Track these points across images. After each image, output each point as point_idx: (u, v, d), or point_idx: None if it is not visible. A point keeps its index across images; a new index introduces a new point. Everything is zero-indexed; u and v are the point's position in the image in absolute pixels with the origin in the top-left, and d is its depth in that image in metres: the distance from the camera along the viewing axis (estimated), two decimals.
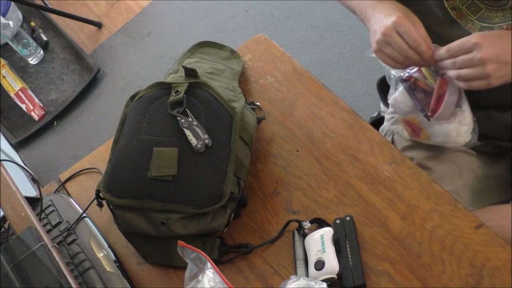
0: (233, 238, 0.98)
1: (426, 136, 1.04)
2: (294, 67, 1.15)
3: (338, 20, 2.29)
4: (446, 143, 1.01)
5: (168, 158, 0.92)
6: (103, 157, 1.18)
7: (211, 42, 1.23)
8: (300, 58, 1.90)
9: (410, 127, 1.08)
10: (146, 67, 2.55)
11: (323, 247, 0.87)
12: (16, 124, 2.56)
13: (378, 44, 0.91)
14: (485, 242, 0.83)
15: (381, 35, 0.90)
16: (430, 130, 1.01)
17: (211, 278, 0.79)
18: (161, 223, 0.92)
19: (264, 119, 1.09)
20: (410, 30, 0.88)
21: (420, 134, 1.06)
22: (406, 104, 1.01)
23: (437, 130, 0.99)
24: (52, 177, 2.20)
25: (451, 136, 0.97)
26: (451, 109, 0.95)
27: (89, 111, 2.52)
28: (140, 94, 1.02)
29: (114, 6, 2.84)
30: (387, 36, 0.89)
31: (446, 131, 0.97)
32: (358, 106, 2.03)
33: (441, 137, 0.99)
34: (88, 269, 0.97)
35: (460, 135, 0.97)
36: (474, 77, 0.85)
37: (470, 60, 0.84)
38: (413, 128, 1.07)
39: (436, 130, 0.99)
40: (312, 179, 0.99)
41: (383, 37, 0.89)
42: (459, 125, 0.96)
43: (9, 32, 2.53)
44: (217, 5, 2.59)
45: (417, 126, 1.04)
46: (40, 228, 0.91)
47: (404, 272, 0.85)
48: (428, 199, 0.90)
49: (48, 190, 1.20)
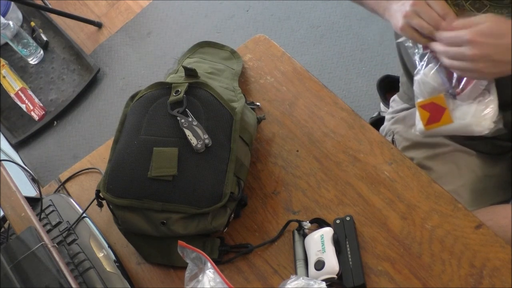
0: (233, 238, 0.98)
1: (448, 119, 1.00)
2: (294, 67, 1.15)
3: (338, 20, 2.29)
4: (469, 126, 0.98)
5: (168, 158, 0.92)
6: (103, 157, 1.18)
7: (211, 42, 1.23)
8: (300, 58, 1.90)
9: (430, 110, 1.02)
10: (146, 67, 2.55)
11: (323, 247, 0.87)
12: (16, 124, 2.56)
13: (406, 17, 0.92)
14: (485, 242, 0.83)
15: (410, 6, 0.91)
16: (455, 112, 0.98)
17: (211, 278, 0.79)
18: (161, 223, 0.92)
19: (264, 119, 1.09)
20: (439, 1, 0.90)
21: (440, 118, 1.01)
22: (436, 80, 0.99)
23: (463, 111, 0.97)
24: (52, 177, 2.20)
25: (477, 117, 0.95)
26: (480, 90, 0.94)
27: (89, 111, 2.52)
28: (140, 94, 1.02)
29: (114, 6, 2.84)
30: (416, 6, 0.90)
31: (472, 112, 0.95)
32: (358, 106, 2.03)
33: (466, 119, 0.97)
34: (88, 269, 0.97)
35: (486, 119, 0.95)
36: (466, 70, 0.87)
37: (462, 55, 0.86)
38: (434, 112, 1.02)
39: (462, 111, 0.97)
40: (312, 179, 0.99)
41: (413, 7, 0.91)
42: (486, 108, 0.95)
43: (9, 32, 2.53)
44: (217, 5, 2.60)
45: (441, 107, 1.00)
46: (40, 228, 0.91)
47: (404, 272, 0.85)
48: (428, 199, 0.90)
49: (48, 190, 1.20)
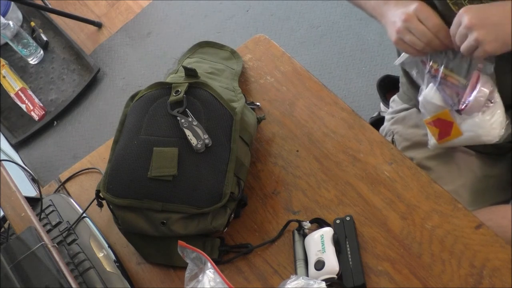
0: (233, 238, 0.98)
1: (457, 132, 1.02)
2: (294, 67, 1.15)
3: (338, 20, 2.29)
4: (479, 137, 0.99)
5: (168, 158, 0.92)
6: (103, 157, 1.18)
7: (211, 42, 1.23)
8: (300, 58, 1.90)
9: (439, 127, 1.05)
10: (146, 67, 2.55)
11: (323, 247, 0.87)
12: (16, 124, 2.56)
13: (398, 32, 0.93)
14: (485, 242, 0.83)
15: (402, 23, 0.92)
16: (462, 125, 0.99)
17: (211, 278, 0.79)
18: (161, 223, 0.92)
19: (264, 119, 1.09)
20: (431, 15, 0.91)
21: (450, 132, 1.03)
22: (438, 99, 1.00)
23: (470, 123, 0.98)
24: (52, 177, 2.20)
25: (485, 128, 0.96)
26: (483, 102, 0.94)
27: (89, 111, 2.52)
28: (140, 94, 1.02)
29: (114, 6, 2.84)
30: (408, 22, 0.91)
31: (479, 123, 0.96)
32: (358, 106, 2.03)
33: (474, 130, 0.98)
34: (88, 269, 0.97)
35: (494, 128, 0.96)
36: (470, 47, 0.88)
37: (460, 33, 0.88)
38: (443, 127, 1.04)
39: (469, 124, 0.98)
40: (312, 179, 0.99)
41: (404, 23, 0.92)
42: (492, 117, 0.95)
43: (9, 32, 2.53)
44: (217, 5, 2.59)
45: (448, 121, 1.01)
46: (40, 228, 0.91)
47: (404, 272, 0.85)
48: (428, 199, 0.90)
49: (48, 190, 1.20)
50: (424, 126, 1.18)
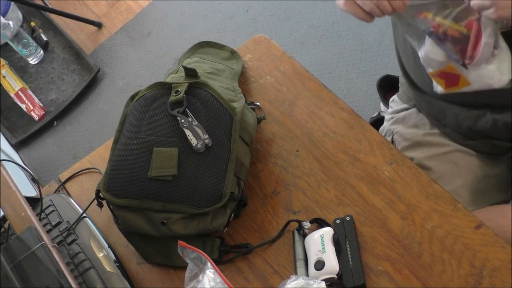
0: (233, 238, 0.98)
1: (465, 82, 0.97)
2: (294, 67, 1.15)
3: (338, 20, 2.29)
4: (490, 86, 0.95)
5: (168, 158, 0.92)
6: (103, 157, 1.18)
7: (211, 42, 1.23)
8: (300, 58, 1.90)
9: (445, 78, 1.01)
10: (146, 67, 2.55)
11: (323, 247, 0.87)
12: (16, 124, 2.56)
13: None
14: (485, 242, 0.83)
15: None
16: (470, 76, 0.95)
17: (211, 278, 0.79)
18: (161, 223, 0.92)
19: (264, 119, 1.09)
20: None
21: (458, 82, 0.99)
22: (440, 55, 0.95)
23: (478, 74, 0.94)
24: (52, 177, 2.20)
25: (495, 77, 0.93)
26: (490, 52, 0.90)
27: (89, 111, 2.52)
28: (140, 94, 1.02)
29: (114, 6, 2.84)
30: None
31: (488, 73, 0.93)
32: (358, 106, 2.03)
33: (484, 81, 0.94)
34: (88, 269, 0.97)
35: (504, 74, 0.92)
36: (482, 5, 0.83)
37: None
38: (449, 78, 1.00)
39: (477, 75, 0.94)
40: (312, 179, 0.99)
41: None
42: (501, 63, 0.92)
43: (9, 32, 2.53)
44: (217, 5, 2.59)
45: (455, 73, 0.98)
46: (40, 228, 0.91)
47: (404, 272, 0.85)
48: (428, 199, 0.90)
49: (48, 190, 1.20)
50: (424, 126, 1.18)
